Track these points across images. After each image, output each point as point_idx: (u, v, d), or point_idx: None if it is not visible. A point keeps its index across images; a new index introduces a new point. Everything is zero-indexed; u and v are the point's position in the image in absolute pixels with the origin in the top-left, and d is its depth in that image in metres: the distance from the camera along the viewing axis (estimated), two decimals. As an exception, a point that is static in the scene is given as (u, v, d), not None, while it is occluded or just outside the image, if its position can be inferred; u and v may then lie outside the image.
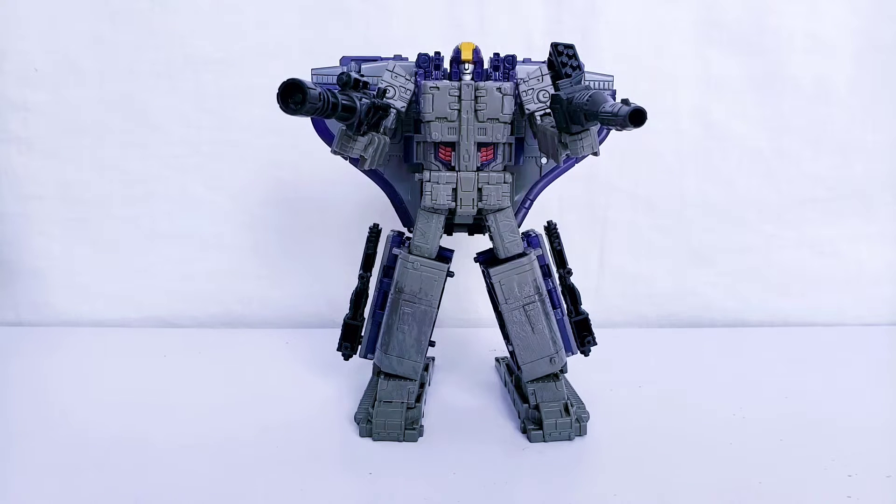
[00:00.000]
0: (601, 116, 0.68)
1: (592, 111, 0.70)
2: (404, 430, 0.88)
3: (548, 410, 0.89)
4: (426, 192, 0.88)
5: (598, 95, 0.72)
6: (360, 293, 0.98)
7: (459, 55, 0.88)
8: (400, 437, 0.88)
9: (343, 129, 0.77)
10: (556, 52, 0.87)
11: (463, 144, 0.87)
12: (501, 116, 0.87)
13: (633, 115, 0.63)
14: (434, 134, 0.87)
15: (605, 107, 0.68)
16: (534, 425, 0.90)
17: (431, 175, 0.88)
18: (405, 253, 0.90)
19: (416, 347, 0.91)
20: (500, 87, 0.86)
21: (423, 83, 0.87)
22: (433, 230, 0.90)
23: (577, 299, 0.98)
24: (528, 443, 0.88)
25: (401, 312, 0.90)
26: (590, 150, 0.79)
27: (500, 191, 0.89)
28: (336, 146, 0.79)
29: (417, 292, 0.90)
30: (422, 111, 0.87)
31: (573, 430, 0.89)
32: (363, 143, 0.79)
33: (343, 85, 0.72)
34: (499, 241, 0.91)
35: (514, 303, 0.91)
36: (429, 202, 0.88)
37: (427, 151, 0.90)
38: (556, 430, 0.88)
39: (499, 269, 0.91)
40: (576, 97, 0.75)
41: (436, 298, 0.91)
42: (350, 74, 0.73)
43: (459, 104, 0.86)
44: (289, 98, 0.61)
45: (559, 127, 0.79)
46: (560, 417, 0.89)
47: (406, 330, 0.90)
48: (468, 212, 0.89)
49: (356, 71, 0.90)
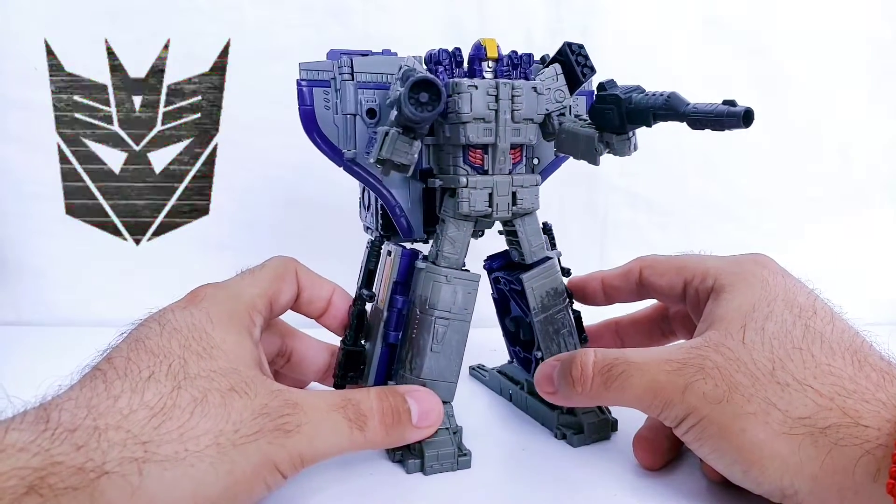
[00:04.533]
0: (695, 116, 0.67)
1: (677, 111, 0.69)
2: (457, 458, 0.81)
3: (585, 413, 0.88)
4: (462, 198, 0.82)
5: (678, 97, 0.71)
6: (360, 315, 0.87)
7: (482, 52, 0.83)
8: (455, 467, 0.81)
9: (398, 133, 0.72)
10: (570, 52, 0.83)
11: (500, 146, 0.81)
12: (536, 117, 0.83)
13: (746, 115, 0.63)
14: (471, 135, 0.80)
15: (696, 107, 0.67)
16: (572, 429, 0.88)
17: (469, 180, 0.82)
18: (432, 265, 0.84)
19: (452, 367, 0.84)
20: (535, 86, 0.82)
21: (459, 81, 0.79)
22: (462, 238, 0.84)
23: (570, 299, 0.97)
24: (572, 448, 0.87)
25: (435, 331, 0.82)
26: (634, 150, 0.78)
27: (533, 194, 0.85)
28: (386, 152, 0.73)
29: (452, 307, 0.83)
30: (458, 111, 0.79)
31: (609, 428, 0.89)
32: (418, 147, 0.73)
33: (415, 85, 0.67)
34: (527, 245, 0.87)
35: (545, 310, 0.88)
36: (466, 209, 0.82)
37: (452, 155, 0.83)
38: (596, 432, 0.88)
39: (531, 274, 0.87)
40: (634, 98, 0.74)
41: (470, 312, 0.84)
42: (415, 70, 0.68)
43: (497, 104, 0.80)
44: (416, 96, 0.56)
45: (607, 127, 0.77)
46: (597, 417, 0.88)
47: (442, 350, 0.83)
48: (504, 217, 0.85)
49: (348, 64, 0.84)
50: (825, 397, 0.64)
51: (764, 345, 0.69)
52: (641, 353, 0.75)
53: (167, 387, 0.63)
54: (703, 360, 0.70)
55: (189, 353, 0.68)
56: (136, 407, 0.60)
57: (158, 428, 0.60)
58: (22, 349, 1.29)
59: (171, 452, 0.59)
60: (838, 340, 0.70)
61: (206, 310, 0.74)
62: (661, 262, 0.92)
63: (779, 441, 0.63)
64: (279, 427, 0.66)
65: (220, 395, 0.65)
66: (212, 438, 0.61)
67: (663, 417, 0.72)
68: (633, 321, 1.03)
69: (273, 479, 0.66)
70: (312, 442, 0.68)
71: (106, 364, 0.66)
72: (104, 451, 0.56)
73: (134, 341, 0.69)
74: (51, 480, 0.52)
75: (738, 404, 0.66)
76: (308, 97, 0.83)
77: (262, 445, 0.64)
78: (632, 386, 0.72)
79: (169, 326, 0.71)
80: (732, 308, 0.75)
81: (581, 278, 0.99)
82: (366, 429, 0.73)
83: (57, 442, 0.55)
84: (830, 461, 0.61)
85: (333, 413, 0.71)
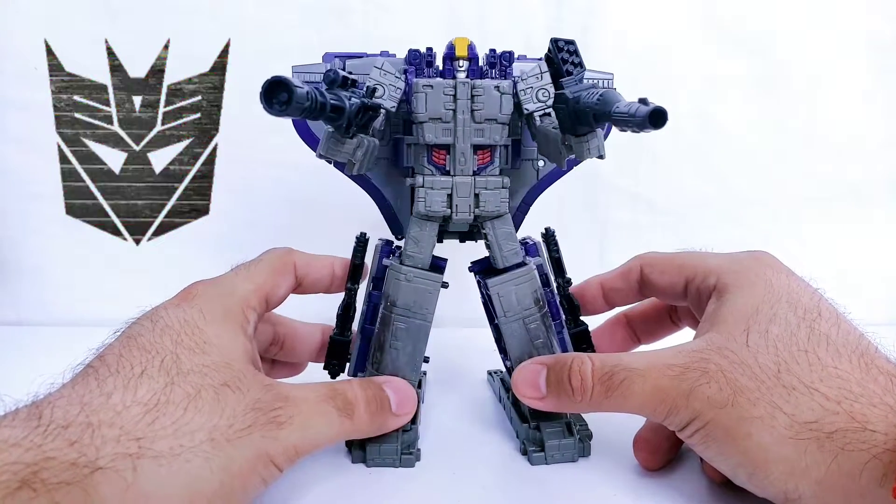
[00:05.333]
0: (615, 117, 0.62)
1: (604, 112, 0.64)
2: (401, 455, 0.81)
3: (549, 431, 0.83)
4: (419, 198, 0.81)
5: (610, 94, 0.65)
6: (347, 307, 0.90)
7: (453, 51, 0.82)
8: (396, 464, 0.81)
9: (330, 132, 0.72)
10: (556, 49, 0.80)
11: (458, 147, 0.80)
12: (500, 117, 0.80)
13: (652, 116, 0.56)
14: (427, 136, 0.80)
15: (618, 107, 0.62)
16: (535, 447, 0.83)
17: (425, 180, 0.81)
18: (397, 264, 0.83)
19: (410, 365, 0.84)
20: (498, 85, 0.79)
21: (416, 81, 0.80)
22: (426, 238, 0.83)
23: (577, 310, 0.93)
24: (529, 466, 0.82)
25: (394, 328, 0.83)
26: (596, 153, 0.72)
27: (499, 196, 0.82)
28: (322, 149, 0.73)
29: (411, 306, 0.83)
30: (414, 111, 0.80)
31: (576, 451, 0.83)
32: (352, 145, 0.73)
33: (330, 83, 0.66)
34: (496, 250, 0.84)
35: (513, 316, 0.84)
36: (422, 209, 0.81)
37: (419, 154, 0.82)
38: (558, 452, 0.82)
39: (497, 280, 0.84)
40: (583, 97, 0.70)
41: (431, 312, 0.83)
42: (338, 72, 0.67)
43: (455, 104, 0.79)
44: (273, 97, 0.55)
45: (563, 128, 0.74)
46: (563, 438, 0.83)
47: (400, 346, 0.83)
48: (464, 219, 0.82)
49: (341, 67, 0.83)
50: (832, 401, 0.63)
51: (768, 347, 0.69)
52: (640, 358, 0.74)
53: (160, 383, 0.63)
54: (706, 363, 0.69)
55: (182, 348, 0.68)
56: (129, 403, 0.60)
57: (152, 424, 0.60)
58: (21, 349, 1.29)
59: (165, 448, 0.59)
60: (844, 342, 0.69)
61: (198, 307, 0.74)
62: (661, 259, 0.91)
63: (785, 445, 0.63)
64: (272, 420, 0.66)
65: (213, 391, 0.65)
66: (206, 434, 0.61)
67: (668, 422, 0.71)
68: (642, 312, 1.01)
69: (268, 472, 0.66)
70: (305, 432, 0.69)
71: (98, 362, 0.66)
72: (97, 446, 0.56)
73: (126, 339, 0.69)
74: (43, 475, 0.52)
75: (743, 408, 0.66)
76: None
77: (255, 439, 0.64)
78: (634, 393, 0.71)
79: (161, 323, 0.71)
80: (735, 309, 0.74)
81: (577, 287, 0.96)
82: (353, 417, 0.74)
83: (49, 438, 0.55)
84: (836, 466, 0.60)
85: (323, 403, 0.73)
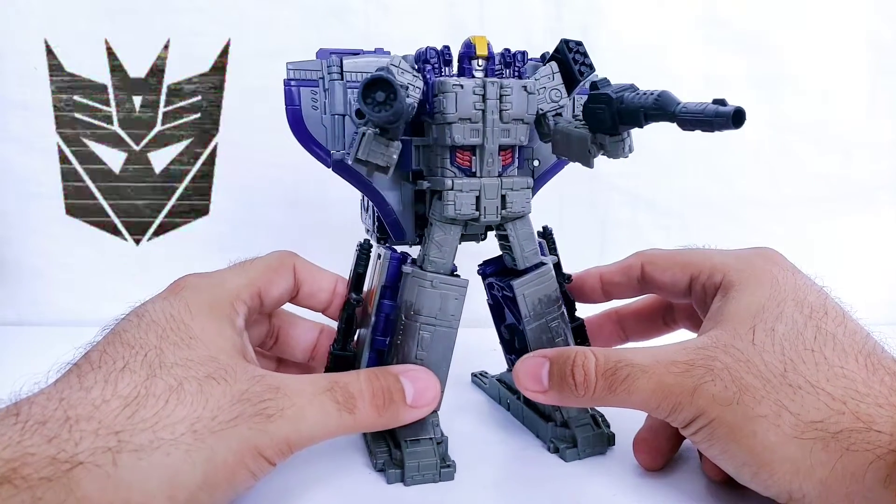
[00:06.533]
0: (683, 117, 0.63)
1: (666, 112, 0.65)
2: (440, 469, 0.78)
3: (579, 426, 0.84)
4: (448, 201, 0.78)
5: (669, 95, 0.66)
6: (350, 319, 0.85)
7: (472, 50, 0.80)
8: (437, 478, 0.78)
9: (372, 134, 0.68)
10: (567, 50, 0.79)
11: (487, 147, 0.78)
12: (526, 117, 0.79)
13: (736, 115, 0.58)
14: (456, 136, 0.77)
15: (686, 106, 0.63)
16: (566, 443, 0.84)
17: (454, 183, 0.78)
18: (419, 270, 0.81)
19: (438, 375, 0.81)
20: (525, 84, 0.78)
21: (443, 80, 0.77)
22: (450, 243, 0.81)
23: (573, 306, 0.94)
24: (564, 462, 0.84)
25: (419, 337, 0.80)
26: (629, 152, 0.73)
27: (524, 197, 0.81)
28: (363, 154, 0.69)
29: (437, 313, 0.80)
30: (442, 111, 0.77)
31: (605, 443, 0.85)
32: (396, 148, 0.69)
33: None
34: (518, 250, 0.84)
35: (537, 316, 0.84)
36: (451, 212, 0.79)
37: (440, 156, 0.80)
38: (590, 446, 0.84)
39: (522, 280, 0.83)
40: (626, 97, 0.70)
41: (457, 319, 0.81)
42: (392, 75, 0.64)
43: (484, 104, 0.77)
44: (372, 95, 0.52)
45: (599, 128, 0.73)
46: (592, 431, 0.85)
47: (426, 357, 0.80)
48: (492, 221, 0.81)
49: (337, 65, 0.81)
50: (837, 401, 0.63)
51: (774, 346, 0.68)
52: (644, 354, 0.74)
53: (141, 376, 0.63)
54: (712, 360, 0.69)
55: (166, 343, 0.67)
56: (108, 397, 0.60)
57: (132, 417, 0.59)
58: (21, 349, 1.29)
59: (145, 441, 0.58)
60: (850, 342, 0.68)
61: (185, 300, 0.73)
62: (663, 256, 0.90)
63: (790, 445, 0.63)
64: (260, 412, 0.65)
65: (196, 383, 0.64)
66: (187, 426, 0.60)
67: (671, 420, 0.71)
68: (635, 311, 1.01)
69: (257, 466, 0.64)
70: (298, 426, 0.67)
71: (82, 359, 0.66)
72: (76, 441, 0.56)
73: (112, 335, 0.69)
74: (24, 472, 0.53)
75: (748, 406, 0.65)
76: (296, 97, 0.81)
77: (242, 431, 0.63)
78: (638, 389, 0.71)
79: (147, 318, 0.70)
80: (741, 307, 0.74)
81: (578, 275, 0.97)
82: (355, 410, 0.71)
83: (27, 434, 0.55)
84: (841, 466, 0.60)
85: (320, 396, 0.70)
